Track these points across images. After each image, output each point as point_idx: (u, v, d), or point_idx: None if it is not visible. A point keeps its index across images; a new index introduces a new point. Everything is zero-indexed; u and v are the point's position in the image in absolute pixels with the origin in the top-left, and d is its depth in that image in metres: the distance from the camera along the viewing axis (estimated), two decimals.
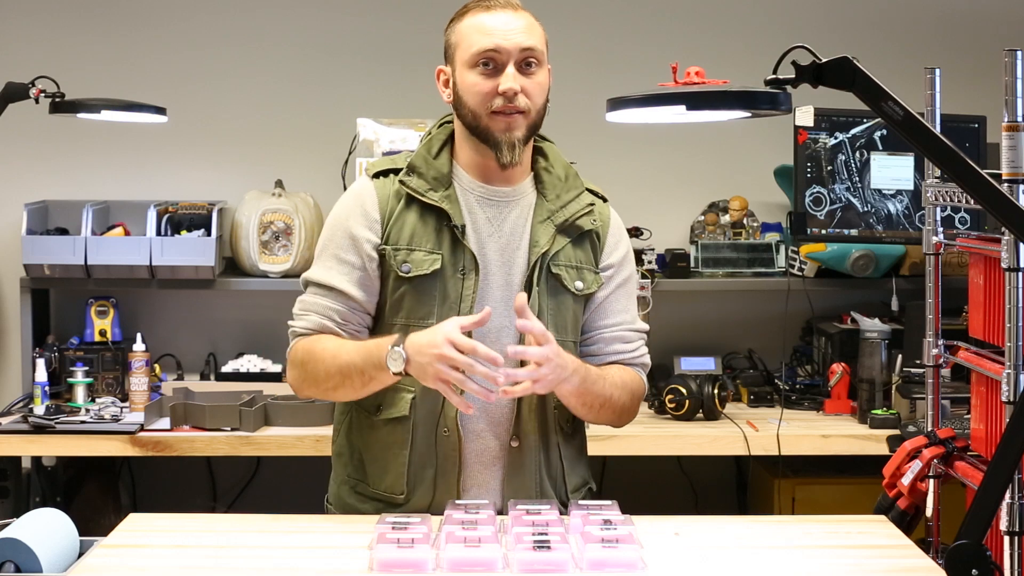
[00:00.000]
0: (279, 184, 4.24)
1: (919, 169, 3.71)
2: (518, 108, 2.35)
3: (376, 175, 2.47)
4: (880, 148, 3.81)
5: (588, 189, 2.53)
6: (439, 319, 2.36)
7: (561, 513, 2.33)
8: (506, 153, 2.37)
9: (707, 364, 4.23)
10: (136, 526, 2.37)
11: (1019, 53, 2.17)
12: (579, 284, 2.46)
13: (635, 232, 4.27)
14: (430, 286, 2.40)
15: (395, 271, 2.40)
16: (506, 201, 2.45)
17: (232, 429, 3.74)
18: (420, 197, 2.41)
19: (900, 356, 3.87)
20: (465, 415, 2.37)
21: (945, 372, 2.71)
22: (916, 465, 2.45)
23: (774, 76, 1.87)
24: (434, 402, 2.39)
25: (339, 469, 2.56)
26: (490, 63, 2.35)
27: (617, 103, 2.04)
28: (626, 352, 2.53)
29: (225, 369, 4.18)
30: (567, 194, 2.47)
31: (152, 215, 4.11)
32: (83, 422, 3.75)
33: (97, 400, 3.99)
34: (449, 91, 2.43)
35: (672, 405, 3.87)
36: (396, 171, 2.45)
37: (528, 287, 2.41)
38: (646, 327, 2.58)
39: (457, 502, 2.34)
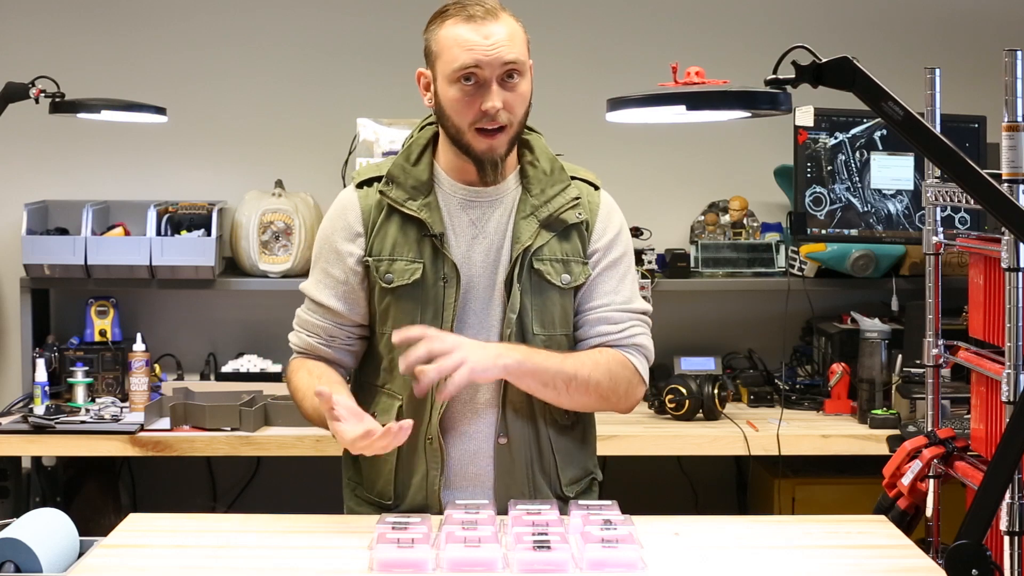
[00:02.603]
0: (279, 184, 4.24)
1: (919, 169, 3.71)
2: (500, 124, 2.33)
3: (360, 184, 2.47)
4: (880, 148, 3.81)
5: (579, 177, 2.49)
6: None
7: (560, 509, 2.33)
8: (489, 172, 2.37)
9: (707, 364, 4.23)
10: (136, 526, 2.37)
11: (1019, 53, 2.17)
12: (566, 277, 2.44)
13: (635, 232, 4.26)
14: (413, 295, 2.40)
15: (379, 282, 2.41)
16: (490, 201, 2.44)
17: (232, 429, 3.74)
18: (399, 207, 2.41)
19: (900, 356, 3.87)
20: (450, 420, 2.39)
21: (945, 372, 2.71)
22: (916, 465, 2.45)
23: (774, 76, 1.87)
24: (420, 411, 2.40)
25: (344, 471, 2.59)
26: (472, 78, 2.31)
27: (617, 103, 2.04)
28: (612, 333, 2.46)
29: (225, 369, 4.18)
30: (552, 188, 2.44)
31: (152, 215, 4.11)
32: (83, 422, 3.75)
33: (97, 400, 3.99)
34: (430, 95, 2.40)
35: (672, 405, 3.87)
36: (380, 179, 2.45)
37: (508, 284, 2.40)
38: (645, 307, 2.52)
39: (457, 502, 2.34)
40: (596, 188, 2.52)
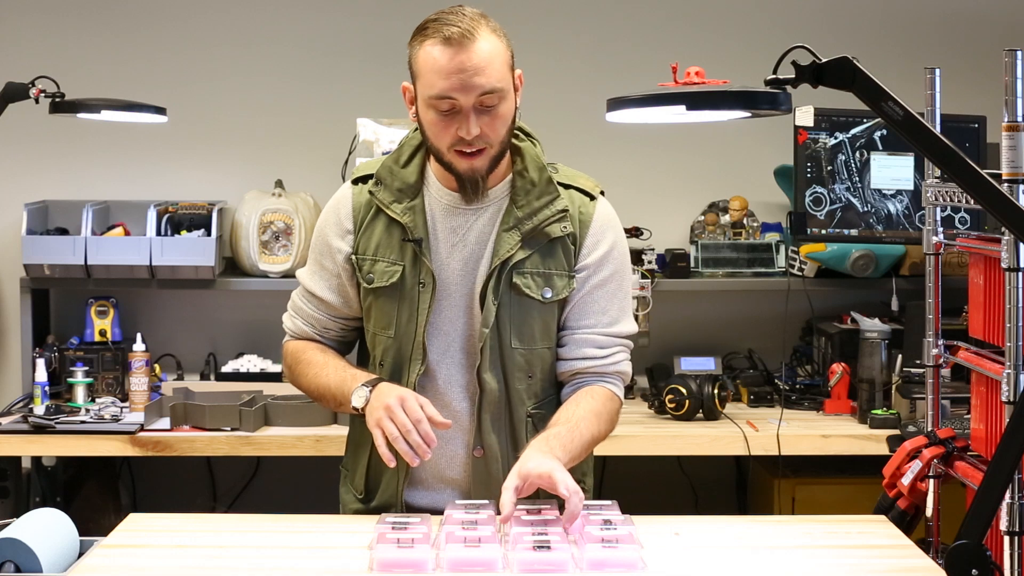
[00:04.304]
0: (279, 184, 4.24)
1: (919, 169, 3.71)
2: (478, 148, 2.31)
3: (356, 180, 2.47)
4: (880, 148, 3.81)
5: (574, 186, 2.43)
6: (398, 329, 2.40)
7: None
8: (470, 192, 2.36)
9: (707, 364, 4.23)
10: (136, 526, 2.37)
11: (1019, 53, 2.17)
12: (547, 292, 2.40)
13: (635, 232, 4.27)
14: (391, 297, 2.41)
15: (362, 281, 2.43)
16: (474, 210, 2.40)
17: (232, 429, 3.74)
18: (384, 209, 2.41)
19: (900, 356, 3.87)
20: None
21: (945, 372, 2.71)
22: (916, 465, 2.45)
23: (774, 76, 1.87)
24: None
25: (344, 459, 2.60)
26: (448, 106, 2.27)
27: (617, 103, 2.04)
28: (597, 358, 2.44)
29: (225, 369, 4.18)
30: (538, 200, 2.39)
31: (152, 215, 4.11)
32: (83, 422, 3.75)
33: (97, 400, 3.99)
34: (414, 110, 2.37)
35: (672, 405, 3.87)
36: (372, 177, 2.45)
37: (483, 297, 2.38)
38: (631, 330, 2.48)
39: (457, 502, 2.34)
40: (593, 198, 2.45)
